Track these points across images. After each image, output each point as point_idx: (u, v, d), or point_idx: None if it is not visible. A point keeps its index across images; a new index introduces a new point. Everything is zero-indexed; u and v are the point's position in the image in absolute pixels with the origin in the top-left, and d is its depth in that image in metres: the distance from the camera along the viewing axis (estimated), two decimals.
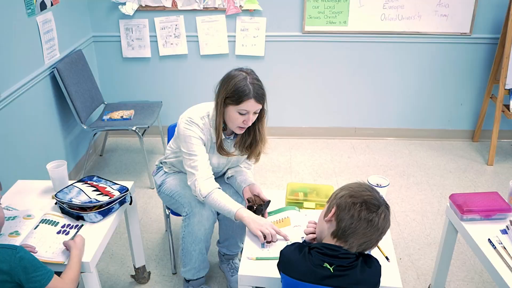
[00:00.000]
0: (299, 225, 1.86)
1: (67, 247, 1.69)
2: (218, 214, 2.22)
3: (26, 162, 2.74)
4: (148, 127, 3.29)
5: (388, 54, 3.78)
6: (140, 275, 2.43)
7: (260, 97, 1.93)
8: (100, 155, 3.84)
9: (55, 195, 1.94)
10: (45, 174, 2.10)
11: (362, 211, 1.37)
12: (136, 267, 2.40)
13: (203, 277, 2.25)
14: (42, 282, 1.48)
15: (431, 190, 3.33)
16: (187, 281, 2.26)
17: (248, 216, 1.86)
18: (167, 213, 2.47)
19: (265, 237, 1.77)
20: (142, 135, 3.31)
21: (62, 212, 1.93)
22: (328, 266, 1.37)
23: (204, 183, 1.98)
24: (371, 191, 1.43)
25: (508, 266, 1.67)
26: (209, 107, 2.07)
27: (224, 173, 2.29)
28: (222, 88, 1.96)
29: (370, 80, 3.89)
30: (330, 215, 1.44)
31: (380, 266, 1.44)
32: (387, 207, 1.43)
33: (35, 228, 1.79)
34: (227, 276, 2.45)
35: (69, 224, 1.86)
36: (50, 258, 1.68)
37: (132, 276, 2.46)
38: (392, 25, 3.67)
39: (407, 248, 2.73)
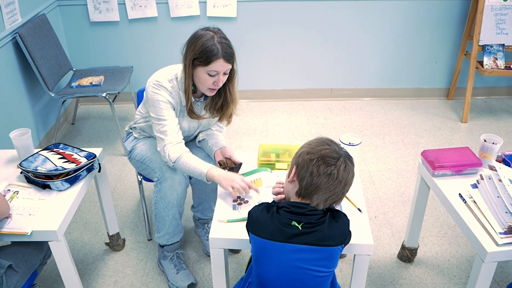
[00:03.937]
0: (271, 186, 1.83)
1: None
2: (190, 178, 2.19)
3: None
4: (119, 93, 3.20)
5: (363, 12, 3.71)
6: (115, 242, 2.40)
7: (229, 56, 1.86)
8: (72, 124, 3.75)
9: (20, 164, 1.88)
10: (11, 144, 2.02)
11: (320, 166, 1.35)
12: (110, 234, 2.37)
13: (177, 242, 2.23)
14: None
15: (406, 149, 3.34)
16: (162, 246, 2.24)
17: (219, 174, 1.83)
18: (139, 179, 2.43)
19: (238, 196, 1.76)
20: (113, 101, 3.22)
21: (28, 182, 1.88)
22: (296, 224, 1.36)
23: (173, 148, 1.94)
24: (330, 144, 1.40)
25: (478, 219, 1.69)
26: (177, 69, 2.00)
27: (196, 137, 2.25)
28: (189, 49, 1.88)
29: (345, 40, 3.83)
30: (291, 175, 1.43)
31: (348, 220, 1.43)
32: (348, 157, 1.40)
33: None
34: (203, 241, 2.44)
35: None
36: (11, 229, 1.63)
37: (107, 243, 2.43)
38: None
39: (382, 207, 2.75)
